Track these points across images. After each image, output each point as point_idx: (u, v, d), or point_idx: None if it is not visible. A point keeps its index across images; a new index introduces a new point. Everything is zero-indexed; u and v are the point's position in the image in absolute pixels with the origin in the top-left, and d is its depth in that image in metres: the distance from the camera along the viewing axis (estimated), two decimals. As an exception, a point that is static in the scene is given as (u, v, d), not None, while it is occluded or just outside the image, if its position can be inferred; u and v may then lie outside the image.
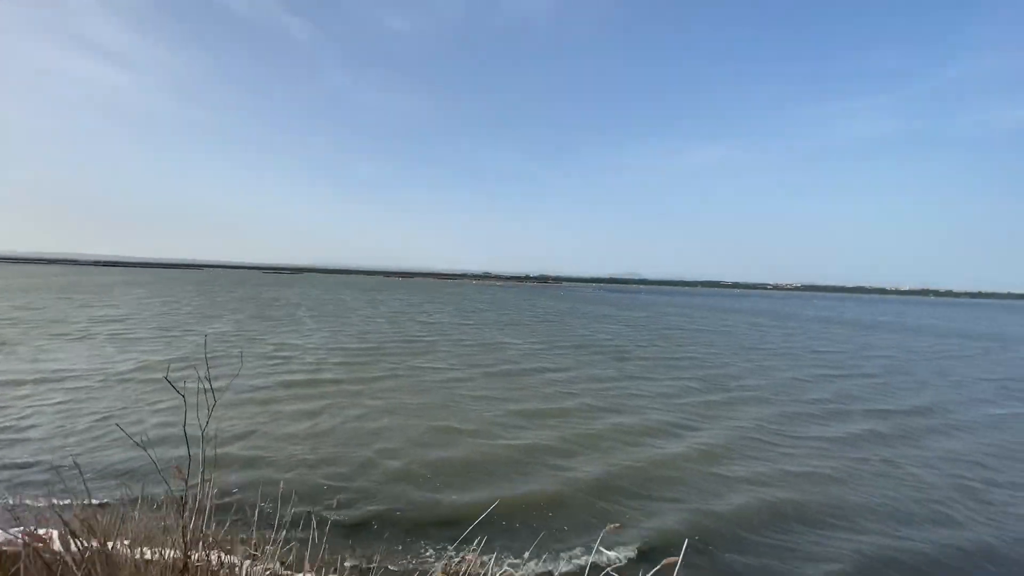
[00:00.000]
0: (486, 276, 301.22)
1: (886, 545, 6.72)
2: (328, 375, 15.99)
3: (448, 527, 6.73)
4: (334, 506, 7.23)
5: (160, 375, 14.80)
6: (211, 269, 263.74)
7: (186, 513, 3.08)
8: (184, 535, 3.13)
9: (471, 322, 36.17)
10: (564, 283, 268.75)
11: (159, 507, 3.64)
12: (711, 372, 19.07)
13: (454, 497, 7.69)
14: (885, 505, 7.91)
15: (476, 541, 5.21)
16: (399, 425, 11.13)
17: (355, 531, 6.58)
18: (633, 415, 12.57)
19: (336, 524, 6.71)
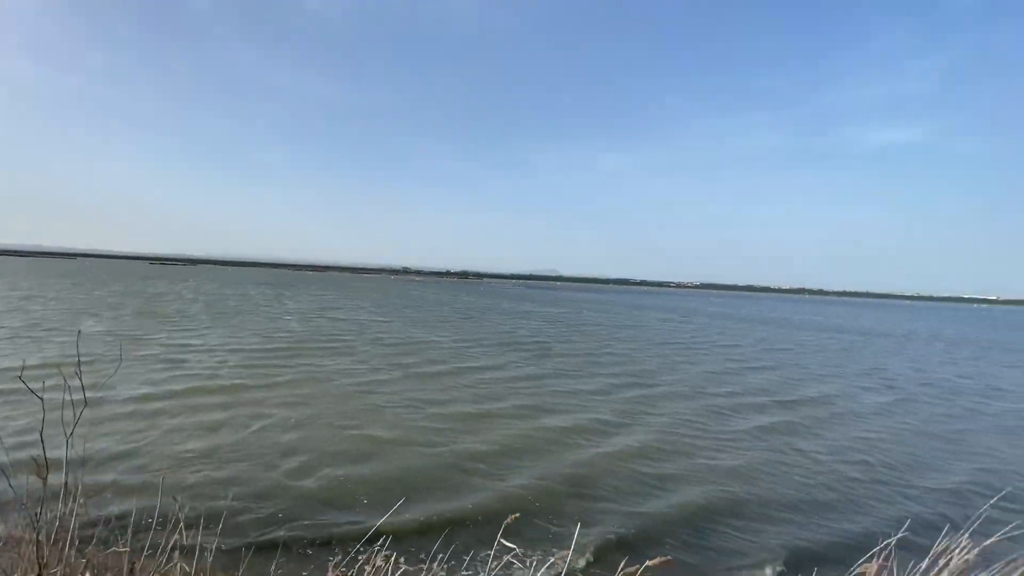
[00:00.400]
0: (405, 271, 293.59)
1: (807, 537, 7.19)
2: (229, 381, 14.39)
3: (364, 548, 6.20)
4: (232, 532, 6.38)
5: (9, 386, 12.43)
6: (87, 259, 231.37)
7: (40, 534, 2.65)
8: (38, 558, 2.64)
9: (391, 319, 34.85)
10: (485, 279, 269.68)
11: (6, 541, 3.07)
12: (631, 368, 19.82)
13: (373, 516, 7.04)
14: (803, 494, 8.48)
15: (381, 541, 4.79)
16: (313, 436, 10.17)
17: (255, 557, 5.83)
18: (559, 414, 12.58)
19: (232, 550, 5.91)
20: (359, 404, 12.59)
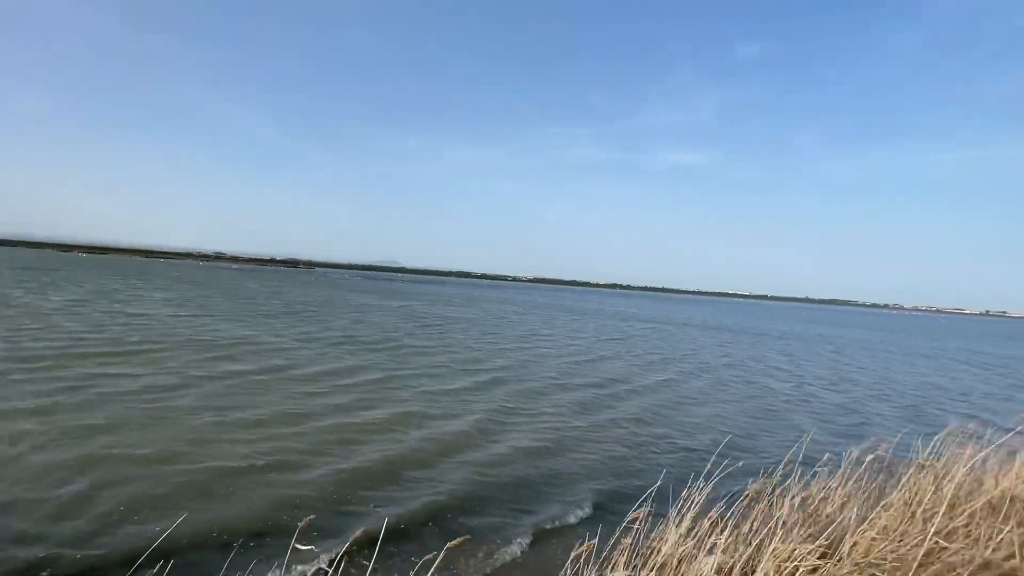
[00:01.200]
0: (219, 256, 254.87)
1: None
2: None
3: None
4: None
5: None
6: None
7: None
8: None
9: (204, 314, 29.71)
10: (317, 268, 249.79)
11: None
12: (488, 364, 19.91)
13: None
14: (653, 475, 9.27)
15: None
16: (105, 480, 7.71)
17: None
18: (416, 420, 11.93)
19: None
20: (170, 428, 10.15)
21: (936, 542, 3.68)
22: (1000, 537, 4.12)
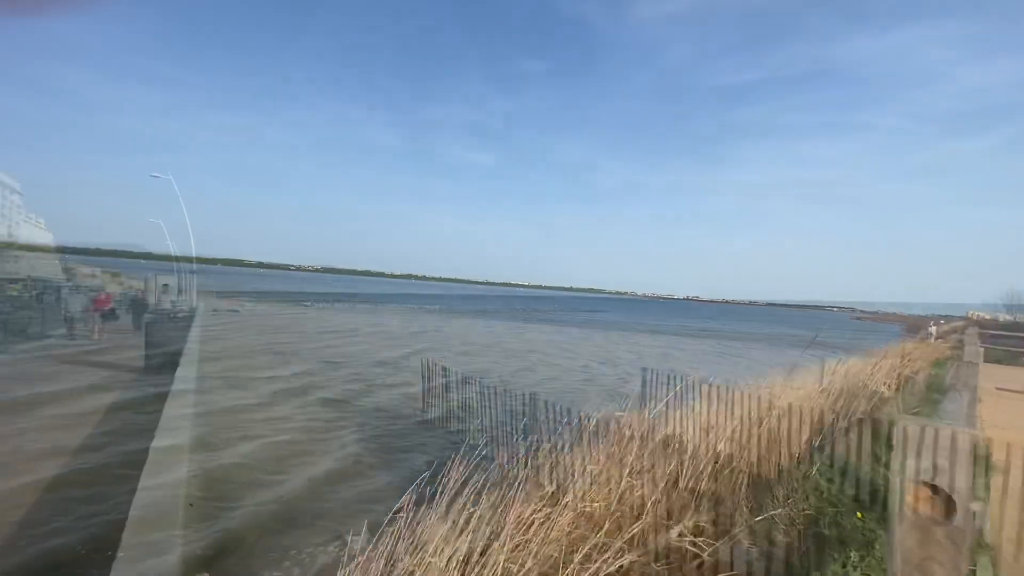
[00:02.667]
0: None
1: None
2: None
3: None
4: None
5: None
6: None
7: None
8: None
9: None
10: None
11: None
12: (286, 360, 18.13)
13: None
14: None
15: None
16: None
17: None
18: (230, 445, 10.40)
19: None
20: None
21: (628, 480, 5.16)
22: (667, 468, 6.09)
